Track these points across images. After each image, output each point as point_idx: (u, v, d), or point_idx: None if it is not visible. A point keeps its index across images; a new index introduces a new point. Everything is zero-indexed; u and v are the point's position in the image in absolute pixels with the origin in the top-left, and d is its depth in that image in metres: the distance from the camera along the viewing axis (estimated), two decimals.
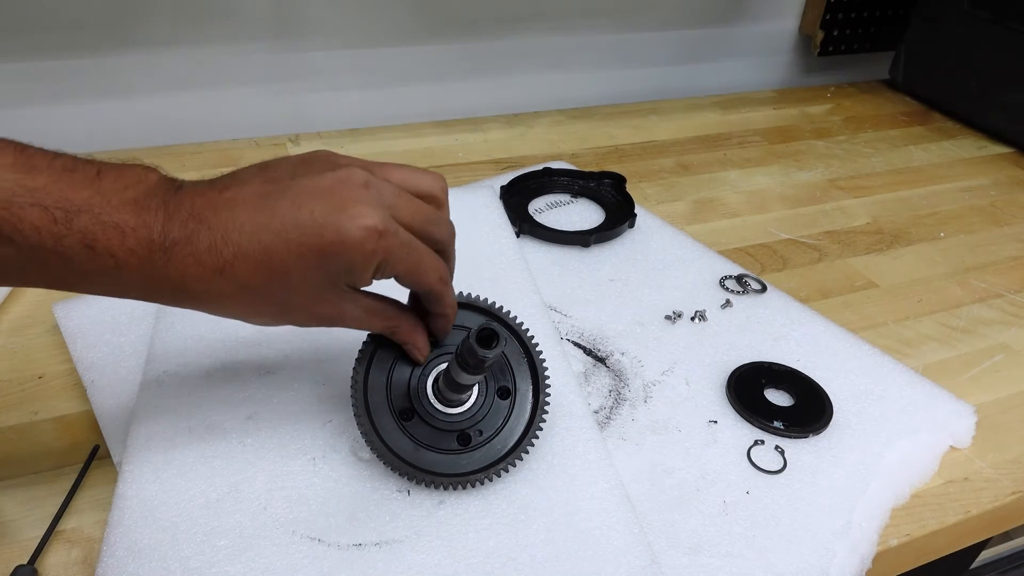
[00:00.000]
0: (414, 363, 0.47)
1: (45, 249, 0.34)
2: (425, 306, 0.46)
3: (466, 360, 0.42)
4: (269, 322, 0.42)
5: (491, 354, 0.41)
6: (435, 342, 0.48)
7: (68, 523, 0.46)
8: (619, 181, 0.81)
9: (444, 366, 0.47)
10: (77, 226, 0.34)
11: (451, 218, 0.46)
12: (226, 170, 0.41)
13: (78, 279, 0.36)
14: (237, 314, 0.41)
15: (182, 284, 0.37)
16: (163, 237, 0.36)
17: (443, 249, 0.45)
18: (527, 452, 0.48)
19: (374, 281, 0.41)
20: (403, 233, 0.40)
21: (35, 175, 0.34)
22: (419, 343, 0.46)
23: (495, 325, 0.41)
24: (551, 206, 0.79)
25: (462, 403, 0.48)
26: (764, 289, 0.68)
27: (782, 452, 0.52)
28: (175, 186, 0.38)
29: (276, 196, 0.38)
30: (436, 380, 0.47)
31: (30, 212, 0.34)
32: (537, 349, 0.49)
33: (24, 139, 0.36)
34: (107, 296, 0.38)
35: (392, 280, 0.43)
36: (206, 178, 0.40)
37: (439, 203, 0.45)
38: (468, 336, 0.41)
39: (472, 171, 0.87)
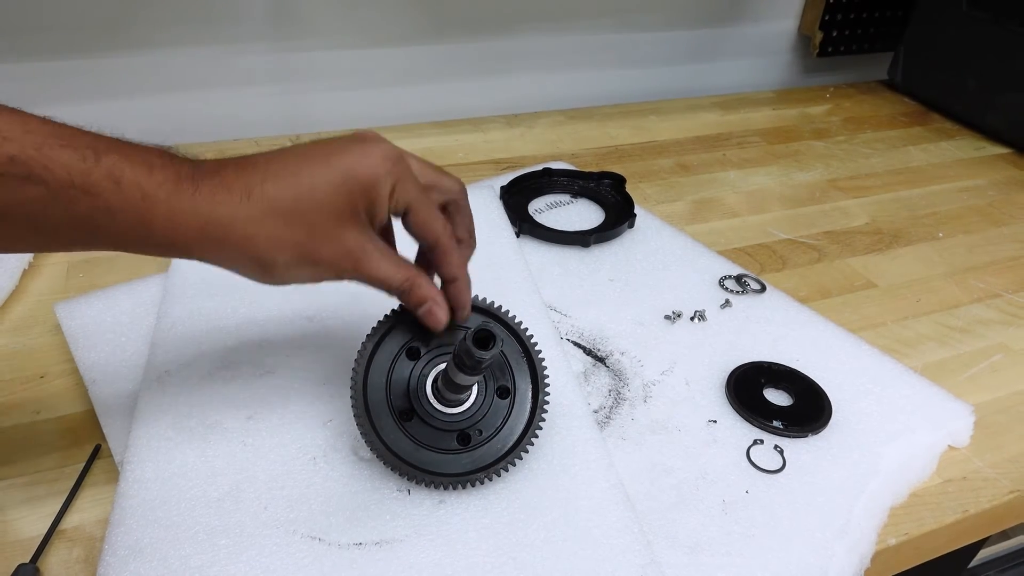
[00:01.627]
0: (432, 330, 0.45)
1: (73, 187, 0.35)
2: (437, 270, 0.46)
3: (463, 361, 0.42)
4: (290, 262, 0.40)
5: (488, 355, 0.41)
6: (451, 327, 0.46)
7: (70, 522, 0.46)
8: (619, 181, 0.81)
9: (443, 366, 0.47)
10: (105, 163, 0.36)
11: None
12: None
13: (104, 217, 0.36)
14: (260, 248, 0.39)
15: (210, 212, 0.37)
16: (192, 171, 0.38)
17: (455, 199, 0.47)
18: (527, 451, 0.48)
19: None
20: (413, 174, 0.43)
21: (64, 127, 0.36)
22: (438, 299, 0.45)
23: (492, 326, 0.41)
24: (551, 206, 0.79)
25: (461, 403, 0.48)
26: (763, 289, 0.69)
27: (781, 452, 0.53)
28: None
29: (300, 145, 0.42)
30: (435, 380, 0.47)
31: (60, 153, 0.35)
32: (536, 348, 0.49)
33: None
34: (128, 249, 0.38)
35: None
36: None
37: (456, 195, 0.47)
38: (464, 337, 0.41)
39: (472, 171, 0.87)
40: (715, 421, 0.55)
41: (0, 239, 0.37)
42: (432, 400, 0.47)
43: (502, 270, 0.66)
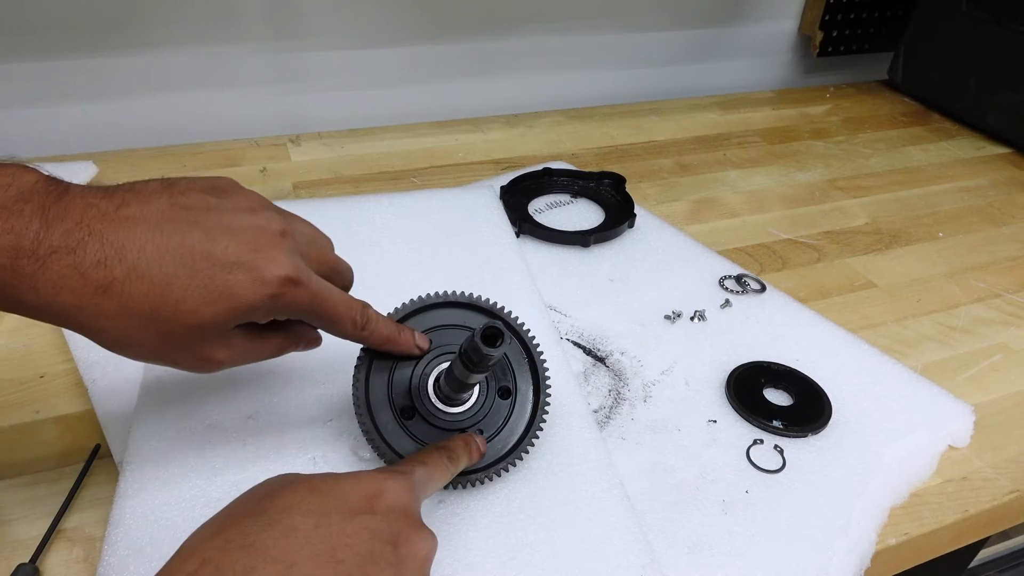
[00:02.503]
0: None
1: None
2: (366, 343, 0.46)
3: (470, 358, 0.42)
4: (141, 355, 0.38)
5: (496, 352, 0.41)
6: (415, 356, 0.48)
7: (69, 522, 0.46)
8: (619, 181, 0.81)
9: (446, 365, 0.47)
10: None
11: (451, 218, 0.46)
12: (226, 171, 0.41)
13: None
14: (110, 339, 0.36)
15: (54, 297, 0.34)
16: (36, 244, 0.33)
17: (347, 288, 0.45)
18: (527, 451, 0.48)
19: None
20: (316, 282, 0.40)
21: None
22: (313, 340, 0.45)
23: (499, 324, 0.41)
24: (551, 206, 0.79)
25: (463, 402, 0.48)
26: (763, 289, 0.69)
27: (781, 451, 0.53)
28: (59, 190, 0.34)
29: (186, 224, 0.36)
30: (438, 379, 0.47)
31: None
32: (538, 349, 0.49)
33: (24, 139, 0.35)
34: None
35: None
36: (111, 184, 0.37)
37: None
38: (473, 335, 0.41)
39: (472, 171, 0.87)
40: (715, 421, 0.55)
41: None
42: (434, 399, 0.47)
43: (502, 270, 0.66)
